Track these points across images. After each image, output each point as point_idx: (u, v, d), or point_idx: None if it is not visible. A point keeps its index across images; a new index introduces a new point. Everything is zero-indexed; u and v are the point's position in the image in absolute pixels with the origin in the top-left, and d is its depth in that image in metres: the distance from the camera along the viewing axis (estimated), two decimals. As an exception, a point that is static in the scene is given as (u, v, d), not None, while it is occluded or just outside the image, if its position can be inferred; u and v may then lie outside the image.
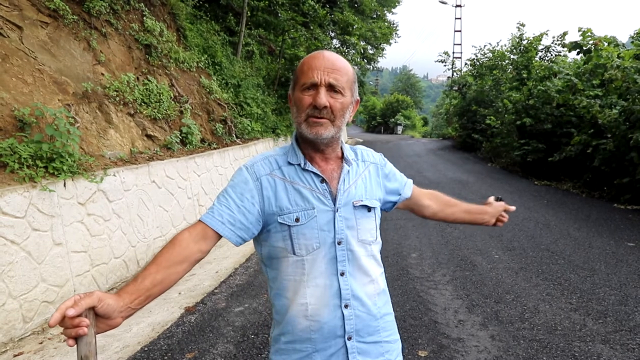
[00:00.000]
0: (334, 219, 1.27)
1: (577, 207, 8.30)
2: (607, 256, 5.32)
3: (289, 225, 1.26)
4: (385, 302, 1.37)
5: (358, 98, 1.36)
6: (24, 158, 3.86)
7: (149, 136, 6.50)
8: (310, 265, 1.26)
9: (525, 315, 3.80)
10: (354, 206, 1.30)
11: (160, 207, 5.74)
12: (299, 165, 1.30)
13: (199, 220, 1.25)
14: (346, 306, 1.27)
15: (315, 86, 1.22)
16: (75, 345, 0.95)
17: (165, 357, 3.16)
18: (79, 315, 0.95)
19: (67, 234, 4.12)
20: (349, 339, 1.27)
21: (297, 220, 1.26)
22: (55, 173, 4.08)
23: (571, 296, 4.18)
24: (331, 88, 1.22)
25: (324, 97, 1.21)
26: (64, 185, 4.14)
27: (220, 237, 1.24)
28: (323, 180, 1.30)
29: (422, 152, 20.95)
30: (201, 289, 4.56)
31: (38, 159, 4.00)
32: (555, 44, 14.93)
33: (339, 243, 1.27)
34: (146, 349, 3.29)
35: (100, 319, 1.02)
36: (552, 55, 15.14)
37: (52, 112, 4.34)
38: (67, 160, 4.22)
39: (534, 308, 3.95)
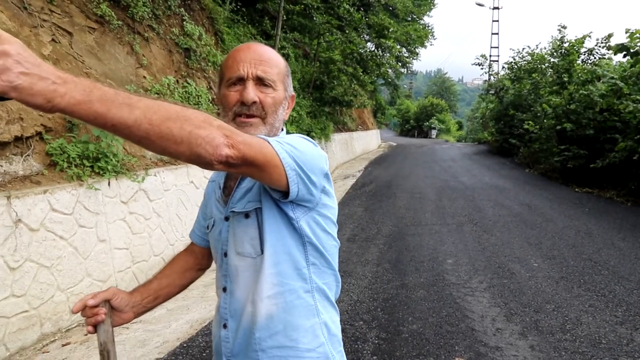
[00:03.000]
0: (222, 227, 1.17)
1: (622, 216, 7.97)
2: (654, 268, 5.09)
3: (207, 232, 1.28)
4: (275, 332, 1.07)
5: (293, 93, 1.22)
6: (72, 157, 4.03)
7: (187, 138, 6.66)
8: (216, 274, 1.23)
9: (567, 327, 3.68)
10: (233, 213, 1.13)
11: (198, 207, 5.86)
12: None
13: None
14: (224, 326, 1.14)
15: (242, 80, 1.09)
16: (96, 333, 1.10)
17: (204, 354, 3.23)
18: (97, 306, 1.09)
19: (111, 231, 4.27)
20: None
21: (207, 227, 1.25)
22: (101, 172, 4.24)
23: (616, 309, 4.02)
24: (260, 82, 1.09)
25: (252, 92, 1.07)
26: (109, 184, 4.30)
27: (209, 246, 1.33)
28: (220, 187, 1.22)
29: (457, 156, 20.62)
30: (237, 289, 4.63)
31: (85, 158, 4.17)
32: (600, 46, 14.45)
33: (225, 255, 1.15)
34: (185, 345, 3.36)
35: (114, 311, 1.15)
36: (595, 58, 14.64)
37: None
38: (111, 160, 4.38)
39: (576, 319, 3.82)
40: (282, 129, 1.20)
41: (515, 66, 19.33)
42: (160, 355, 3.22)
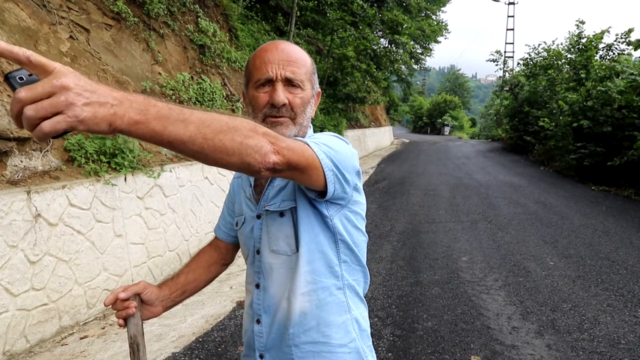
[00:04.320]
0: (254, 225, 1.19)
1: (640, 215, 7.83)
2: (674, 267, 4.99)
3: (236, 229, 1.30)
4: (309, 328, 1.10)
5: (319, 90, 1.22)
6: (90, 153, 4.08)
7: (202, 134, 6.70)
8: (247, 270, 1.25)
9: (585, 326, 3.63)
10: (267, 211, 1.14)
11: (212, 203, 5.90)
12: None
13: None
14: (257, 321, 1.17)
15: (270, 82, 1.09)
16: (125, 326, 1.11)
17: (219, 349, 3.25)
18: (128, 299, 1.11)
19: (127, 226, 4.31)
20: (261, 356, 1.16)
21: (236, 224, 1.28)
22: (117, 168, 4.29)
23: (636, 309, 3.96)
24: (289, 82, 1.09)
25: (281, 94, 1.08)
26: (125, 179, 4.34)
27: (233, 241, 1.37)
28: (250, 185, 1.23)
29: (471, 153, 20.44)
30: (251, 284, 4.65)
31: (102, 154, 4.22)
32: (619, 41, 14.15)
33: (257, 252, 1.17)
34: (200, 339, 3.39)
35: (144, 305, 1.17)
36: (614, 54, 14.36)
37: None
38: (127, 156, 4.42)
39: (593, 319, 3.76)
40: (310, 127, 1.21)
41: (531, 62, 19.03)
42: (176, 350, 3.25)
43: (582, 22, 15.09)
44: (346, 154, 1.04)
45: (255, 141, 0.80)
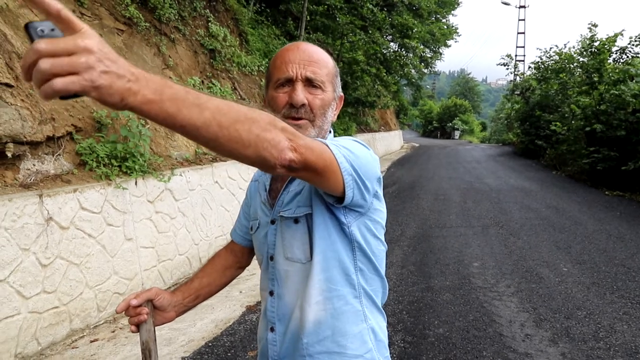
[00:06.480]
0: (268, 230, 1.15)
1: (656, 220, 7.70)
2: (692, 274, 4.89)
3: (251, 234, 1.28)
4: (324, 338, 1.06)
5: (342, 94, 1.19)
6: (101, 157, 4.10)
7: (212, 138, 6.71)
8: (261, 276, 1.23)
9: (600, 334, 3.56)
10: (282, 217, 1.11)
11: (222, 207, 5.91)
12: None
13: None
14: (272, 329, 1.14)
15: (290, 82, 1.06)
16: (138, 332, 1.12)
17: (229, 354, 3.24)
18: (140, 305, 1.11)
19: (137, 230, 4.33)
20: None
21: (251, 229, 1.25)
22: (128, 172, 4.30)
23: (652, 316, 3.88)
24: (309, 83, 1.06)
25: (301, 94, 1.04)
26: (135, 183, 4.36)
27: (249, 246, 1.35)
28: (265, 189, 1.20)
29: (482, 158, 20.30)
30: (260, 289, 4.63)
31: (113, 158, 4.24)
32: (633, 44, 13.96)
33: (271, 258, 1.14)
34: (210, 344, 3.38)
35: (157, 311, 1.17)
36: (628, 57, 14.18)
37: (126, 114, 4.58)
38: (138, 160, 4.43)
39: (609, 327, 3.69)
40: (330, 131, 1.17)
41: (542, 66, 18.88)
42: (185, 354, 3.24)
43: (595, 25, 14.92)
44: (367, 159, 1.01)
45: (272, 135, 0.77)
